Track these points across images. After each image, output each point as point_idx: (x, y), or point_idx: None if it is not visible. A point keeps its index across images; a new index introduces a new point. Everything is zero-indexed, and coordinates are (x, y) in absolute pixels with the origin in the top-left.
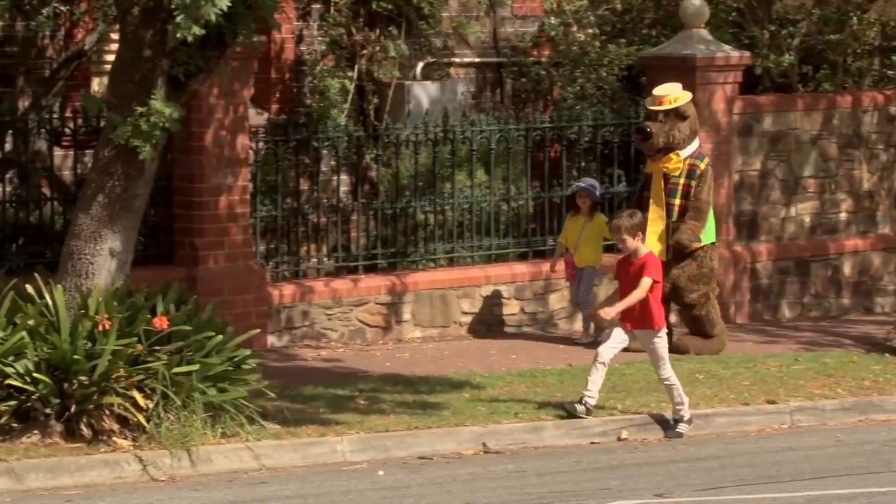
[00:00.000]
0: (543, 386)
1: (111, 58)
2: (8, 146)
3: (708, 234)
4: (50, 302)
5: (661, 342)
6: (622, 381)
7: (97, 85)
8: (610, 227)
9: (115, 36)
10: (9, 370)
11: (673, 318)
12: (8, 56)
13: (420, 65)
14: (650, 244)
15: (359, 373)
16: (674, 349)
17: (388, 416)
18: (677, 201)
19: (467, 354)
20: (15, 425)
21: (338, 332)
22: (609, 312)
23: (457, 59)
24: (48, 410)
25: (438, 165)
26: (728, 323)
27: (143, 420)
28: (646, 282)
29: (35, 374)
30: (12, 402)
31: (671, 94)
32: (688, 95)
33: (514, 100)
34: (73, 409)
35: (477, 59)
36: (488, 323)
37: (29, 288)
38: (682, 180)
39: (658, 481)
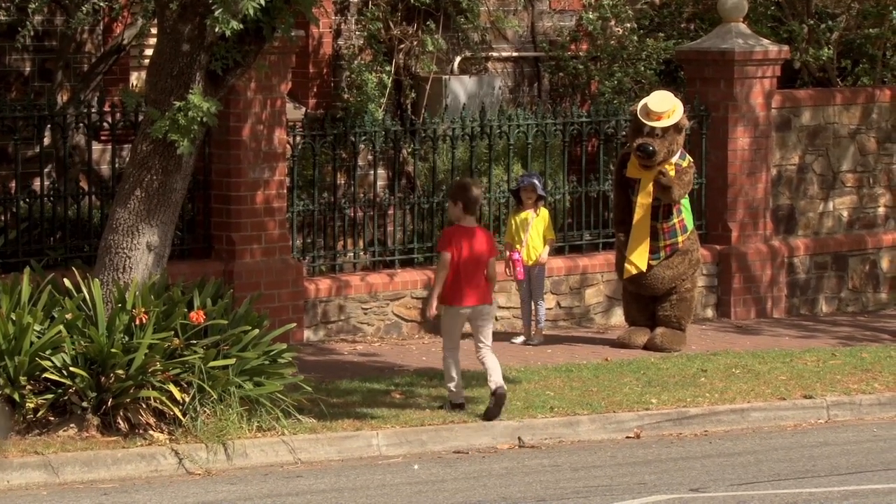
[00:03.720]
0: (579, 380)
1: (150, 52)
2: (46, 140)
3: (689, 221)
4: (87, 296)
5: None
6: (658, 376)
7: (136, 79)
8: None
9: (153, 31)
10: (46, 364)
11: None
12: (47, 51)
13: (457, 59)
14: (635, 252)
15: (395, 367)
16: (655, 348)
17: (423, 411)
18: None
19: (503, 349)
20: (52, 419)
21: (374, 326)
22: (431, 309)
23: (494, 54)
24: (85, 404)
25: (475, 160)
26: (765, 318)
27: (179, 414)
28: (440, 256)
29: (72, 368)
30: (49, 396)
31: (668, 107)
32: (680, 103)
33: (552, 94)
34: (109, 402)
35: (514, 54)
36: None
37: (66, 282)
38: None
39: (694, 476)
